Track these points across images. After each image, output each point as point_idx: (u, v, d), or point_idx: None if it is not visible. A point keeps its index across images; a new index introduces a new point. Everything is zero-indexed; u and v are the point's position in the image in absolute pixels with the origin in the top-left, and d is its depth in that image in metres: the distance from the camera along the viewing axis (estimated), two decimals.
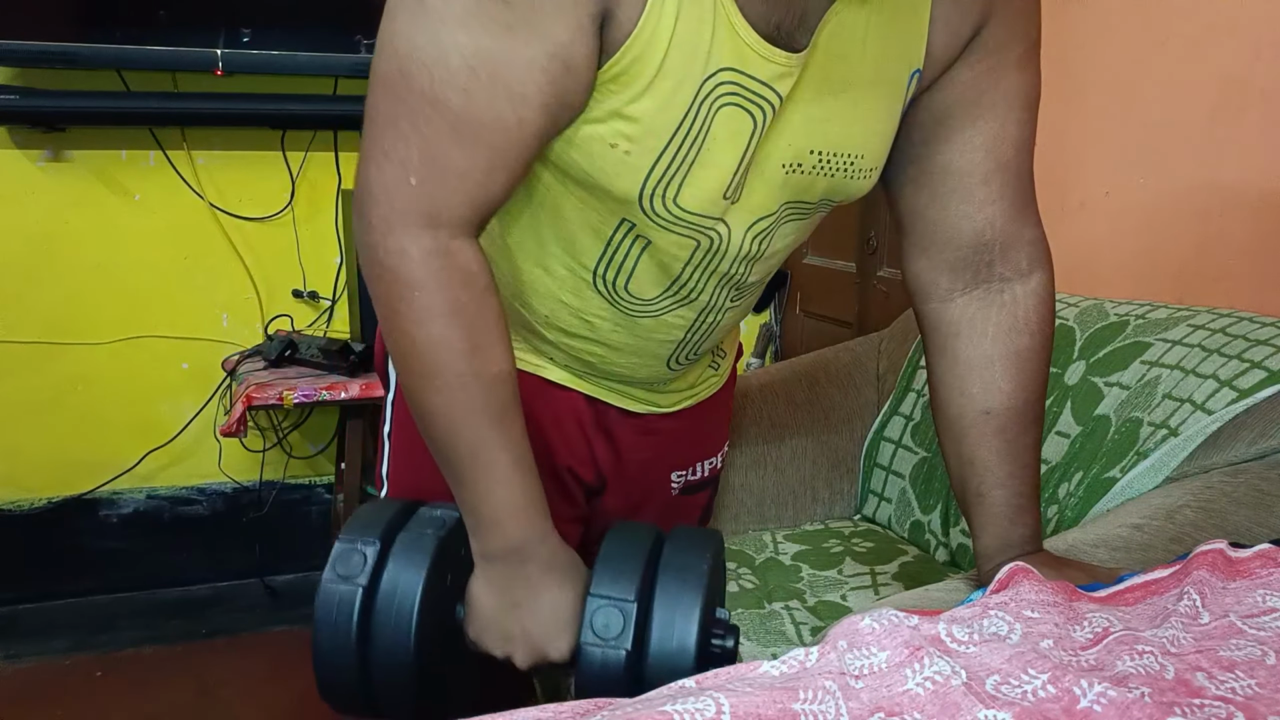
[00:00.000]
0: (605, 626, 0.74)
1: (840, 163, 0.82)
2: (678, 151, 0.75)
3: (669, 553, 0.78)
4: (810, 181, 0.83)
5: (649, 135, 0.74)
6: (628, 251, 0.84)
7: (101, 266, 2.24)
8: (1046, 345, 0.87)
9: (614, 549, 0.78)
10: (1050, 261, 0.88)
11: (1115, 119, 1.53)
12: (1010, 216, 0.85)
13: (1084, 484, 1.18)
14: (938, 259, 0.87)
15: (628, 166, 0.76)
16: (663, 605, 0.75)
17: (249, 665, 2.07)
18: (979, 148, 0.83)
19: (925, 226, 0.87)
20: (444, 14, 0.67)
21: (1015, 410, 0.85)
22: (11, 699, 1.93)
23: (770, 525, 1.53)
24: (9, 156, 2.16)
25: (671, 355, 0.96)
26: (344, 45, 2.12)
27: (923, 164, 0.86)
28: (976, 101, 0.82)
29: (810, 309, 2.52)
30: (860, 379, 1.66)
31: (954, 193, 0.85)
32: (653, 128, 0.74)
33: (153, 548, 2.38)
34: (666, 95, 0.73)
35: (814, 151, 0.80)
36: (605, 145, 0.75)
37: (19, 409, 2.24)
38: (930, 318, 0.89)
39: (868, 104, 0.80)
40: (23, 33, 1.98)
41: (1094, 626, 0.59)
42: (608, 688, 0.72)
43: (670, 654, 0.74)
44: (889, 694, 0.50)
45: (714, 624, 0.78)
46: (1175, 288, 1.43)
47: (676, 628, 0.74)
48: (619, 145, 0.75)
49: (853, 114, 0.80)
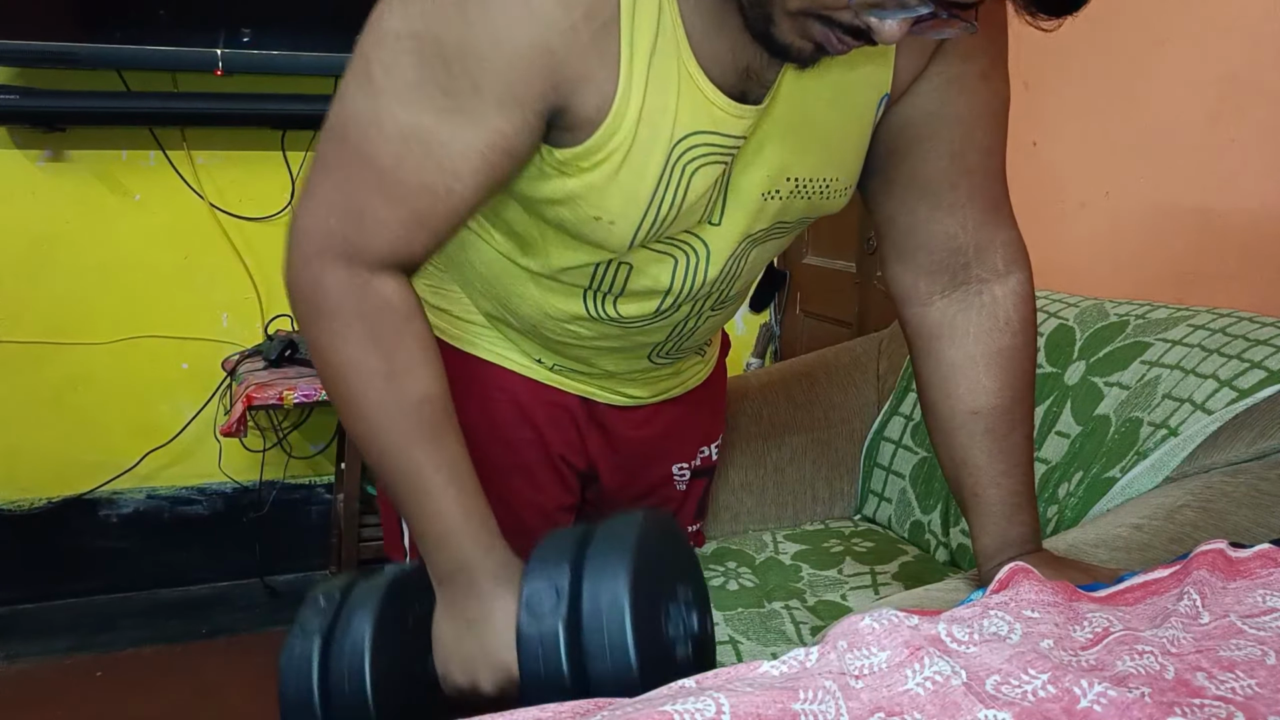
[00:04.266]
0: (539, 603, 0.72)
1: (816, 186, 0.85)
2: (659, 212, 0.78)
3: (600, 531, 0.77)
4: (788, 205, 0.85)
5: (629, 206, 0.77)
6: (614, 277, 0.87)
7: (101, 266, 2.24)
8: (1029, 344, 0.88)
9: (548, 541, 0.77)
10: (1027, 262, 0.89)
11: (1115, 119, 1.53)
12: (981, 220, 0.86)
13: (1084, 484, 1.18)
14: (913, 264, 0.89)
15: (614, 234, 0.79)
16: (591, 574, 0.72)
17: (249, 665, 2.07)
18: (945, 155, 0.84)
19: (899, 233, 0.89)
20: (385, 88, 0.70)
21: (1002, 409, 0.85)
22: (11, 699, 1.93)
23: (770, 525, 1.53)
24: (9, 156, 2.16)
25: (653, 352, 0.98)
26: (344, 45, 2.10)
27: (892, 173, 0.87)
28: (940, 112, 0.83)
29: (810, 309, 2.52)
30: (860, 379, 1.66)
31: (923, 199, 0.86)
32: (632, 198, 0.76)
33: (153, 548, 2.38)
34: (639, 168, 0.75)
35: (790, 178, 0.83)
36: (590, 219, 0.78)
37: (19, 409, 2.24)
38: (913, 322, 0.91)
39: (838, 133, 0.83)
40: (23, 33, 1.98)
41: (1094, 626, 0.60)
42: (549, 666, 0.71)
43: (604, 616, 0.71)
44: (889, 694, 0.50)
45: (669, 597, 0.75)
46: (1175, 288, 1.43)
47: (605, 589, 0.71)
48: (602, 219, 0.78)
49: (824, 144, 0.82)
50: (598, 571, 0.72)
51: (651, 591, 0.73)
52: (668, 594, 0.76)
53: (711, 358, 1.17)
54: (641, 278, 0.86)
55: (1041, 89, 1.63)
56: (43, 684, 1.98)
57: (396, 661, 0.77)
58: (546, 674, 0.71)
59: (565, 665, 0.71)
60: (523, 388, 1.01)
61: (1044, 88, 1.62)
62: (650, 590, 0.73)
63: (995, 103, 0.85)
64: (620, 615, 0.70)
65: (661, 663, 0.73)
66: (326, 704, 0.75)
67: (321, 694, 0.74)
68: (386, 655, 0.75)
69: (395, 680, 0.77)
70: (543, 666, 0.71)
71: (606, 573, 0.72)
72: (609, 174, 0.75)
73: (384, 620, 0.75)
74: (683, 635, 0.76)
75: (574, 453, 1.07)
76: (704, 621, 0.79)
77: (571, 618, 0.71)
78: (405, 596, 0.79)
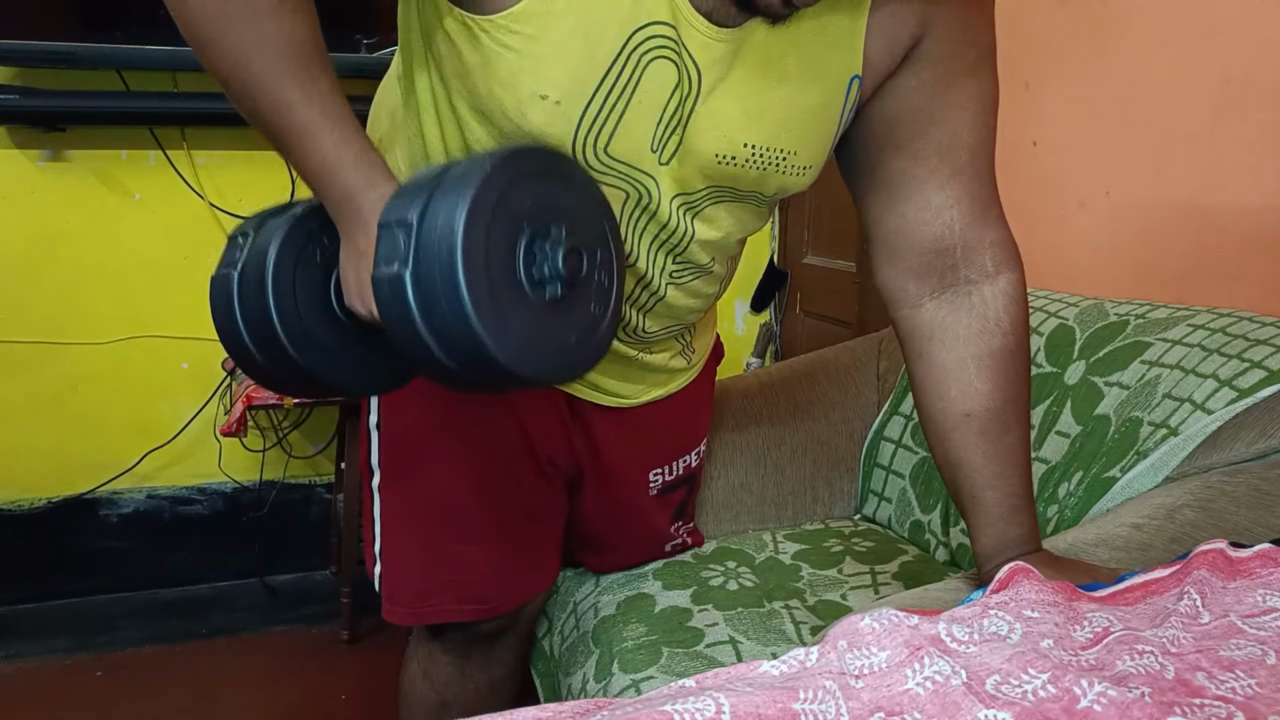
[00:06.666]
0: (389, 249, 0.70)
1: (773, 157, 0.83)
2: (605, 100, 0.76)
3: (454, 168, 0.73)
4: (741, 172, 0.84)
5: (576, 83, 0.75)
6: None
7: (101, 266, 2.24)
8: (1022, 344, 0.88)
9: (406, 183, 0.75)
10: (1019, 262, 0.89)
11: (1115, 119, 1.53)
12: (969, 220, 0.86)
13: (1084, 484, 1.18)
14: (902, 265, 0.89)
15: (559, 115, 0.76)
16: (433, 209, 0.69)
17: (249, 665, 2.07)
18: (931, 154, 0.84)
19: (886, 234, 0.89)
20: None
21: (995, 411, 0.85)
22: (11, 699, 1.93)
23: (770, 525, 1.53)
24: (9, 156, 2.16)
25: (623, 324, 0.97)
26: (343, 45, 2.11)
27: (878, 173, 0.87)
28: (925, 109, 0.83)
29: (810, 309, 2.52)
30: (860, 379, 1.66)
31: (909, 199, 0.86)
32: (581, 75, 0.75)
33: (153, 548, 2.38)
34: (592, 40, 0.73)
35: (747, 144, 0.82)
36: (534, 96, 0.76)
37: (19, 409, 2.24)
38: (904, 325, 0.90)
39: (802, 102, 0.81)
40: (23, 33, 1.98)
41: (1094, 626, 0.60)
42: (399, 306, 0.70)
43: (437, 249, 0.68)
44: (889, 694, 0.50)
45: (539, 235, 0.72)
46: (1175, 288, 1.43)
47: (440, 222, 0.68)
48: (549, 97, 0.75)
49: (787, 111, 0.81)
50: (437, 209, 0.69)
51: (502, 229, 0.70)
52: (533, 232, 0.72)
53: (697, 364, 1.16)
54: None
55: (1041, 89, 1.63)
56: (43, 684, 1.98)
57: (309, 285, 0.79)
58: (398, 318, 0.70)
59: (414, 308, 0.69)
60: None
61: (1044, 88, 1.63)
62: (501, 228, 0.70)
63: (983, 101, 0.84)
64: (450, 252, 0.67)
65: (515, 300, 0.71)
66: (248, 327, 0.79)
67: (243, 320, 0.78)
68: (290, 277, 0.78)
69: (309, 302, 0.79)
70: (394, 311, 0.71)
71: (443, 209, 0.69)
72: (559, 40, 0.73)
73: (288, 246, 0.78)
74: (549, 275, 0.72)
75: (560, 452, 1.07)
76: (583, 258, 0.74)
77: (416, 258, 0.69)
78: (317, 227, 0.80)
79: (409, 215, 0.70)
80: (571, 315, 0.76)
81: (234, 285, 0.78)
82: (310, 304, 0.80)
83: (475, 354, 0.69)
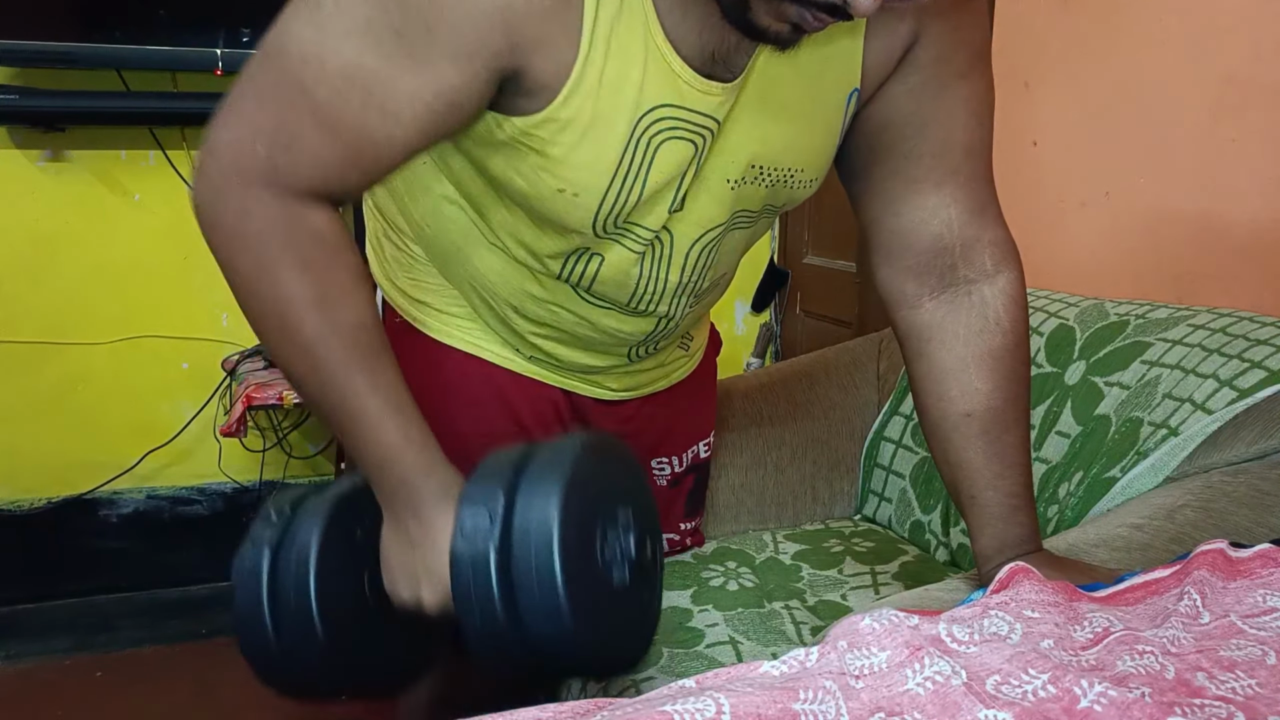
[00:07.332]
0: (472, 526, 0.72)
1: (780, 175, 0.85)
2: (622, 186, 0.78)
3: (538, 453, 0.76)
4: (752, 191, 0.85)
5: (592, 175, 0.76)
6: (587, 262, 0.87)
7: (101, 266, 2.24)
8: (1021, 344, 0.88)
9: (486, 463, 0.76)
10: (1018, 261, 0.89)
11: (1115, 119, 1.53)
12: (966, 220, 0.86)
13: (1084, 484, 1.18)
14: (900, 266, 0.89)
15: (578, 206, 0.78)
16: (524, 497, 0.72)
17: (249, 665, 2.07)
18: (926, 155, 0.84)
19: (884, 235, 0.89)
20: (335, 19, 0.67)
21: (995, 410, 0.85)
22: (11, 699, 1.93)
23: (770, 525, 1.53)
24: (9, 156, 2.16)
25: (632, 349, 0.99)
26: None
27: (875, 174, 0.87)
28: (918, 112, 0.83)
29: (810, 309, 2.52)
30: (860, 379, 1.66)
31: (906, 200, 0.86)
32: (596, 167, 0.76)
33: (153, 548, 2.38)
34: (602, 137, 0.74)
35: (754, 165, 0.83)
36: (553, 192, 0.78)
37: (19, 409, 2.24)
38: (903, 325, 0.90)
39: (806, 123, 0.83)
40: (23, 33, 1.98)
41: (1094, 626, 0.60)
42: (480, 589, 0.71)
43: (532, 539, 0.70)
44: (889, 694, 0.50)
45: (607, 520, 0.74)
46: (1175, 288, 1.43)
47: (535, 513, 0.70)
48: (566, 190, 0.77)
49: (791, 133, 0.82)
50: (529, 494, 0.71)
51: (586, 514, 0.72)
52: (605, 517, 0.75)
53: (696, 353, 1.17)
54: (611, 267, 0.86)
55: (1041, 89, 1.63)
56: (43, 684, 1.98)
57: (344, 573, 0.78)
58: (478, 597, 0.71)
59: (495, 588, 0.71)
60: (506, 380, 1.02)
61: (1044, 88, 1.62)
62: (585, 513, 0.72)
63: (977, 102, 0.84)
64: (548, 539, 0.69)
65: (594, 586, 0.72)
66: (275, 613, 0.76)
67: (270, 604, 0.76)
68: (332, 566, 0.76)
69: (343, 590, 0.77)
70: (474, 589, 0.71)
71: (538, 496, 0.71)
72: (572, 143, 0.74)
73: (330, 533, 0.76)
74: (619, 559, 0.74)
75: None
76: (645, 543, 0.77)
77: (504, 541, 0.71)
78: (355, 510, 0.79)
79: (495, 497, 0.72)
80: (633, 600, 0.77)
81: (264, 568, 0.76)
82: (344, 591, 0.78)
83: (553, 637, 0.70)
